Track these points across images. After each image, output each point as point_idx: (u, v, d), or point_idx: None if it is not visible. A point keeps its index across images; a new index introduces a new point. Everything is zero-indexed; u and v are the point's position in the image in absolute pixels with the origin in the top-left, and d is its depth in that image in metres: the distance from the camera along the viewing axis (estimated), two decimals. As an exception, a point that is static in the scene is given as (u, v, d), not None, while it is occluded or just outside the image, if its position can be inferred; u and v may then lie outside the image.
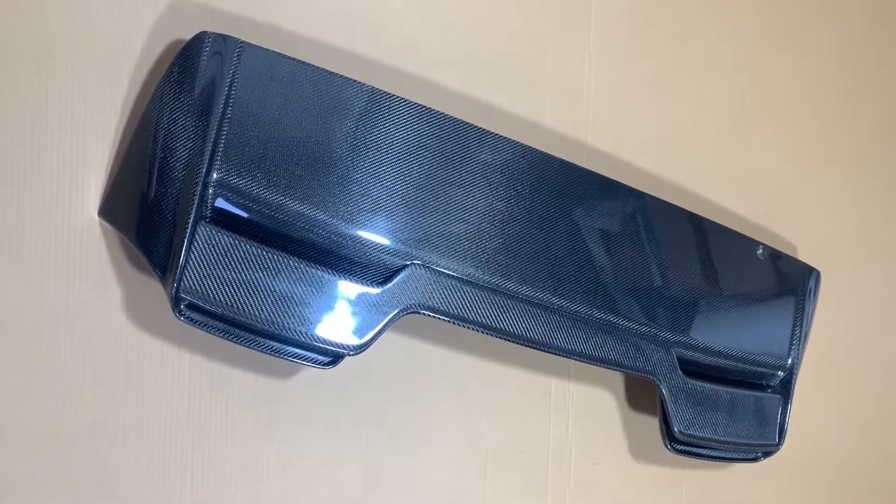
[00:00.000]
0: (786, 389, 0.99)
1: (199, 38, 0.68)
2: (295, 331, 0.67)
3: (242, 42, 0.68)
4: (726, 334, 0.93)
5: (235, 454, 0.76)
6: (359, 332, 0.69)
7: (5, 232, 0.68)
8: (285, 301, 0.67)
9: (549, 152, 0.81)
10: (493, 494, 0.89)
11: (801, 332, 1.00)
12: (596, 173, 0.84)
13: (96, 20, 0.71)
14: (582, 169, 0.83)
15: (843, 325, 1.16)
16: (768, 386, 0.99)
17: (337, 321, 0.69)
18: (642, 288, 0.86)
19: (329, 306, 0.68)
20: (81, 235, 0.70)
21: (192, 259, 0.64)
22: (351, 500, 0.82)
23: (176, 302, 0.64)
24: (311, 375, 0.79)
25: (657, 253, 0.87)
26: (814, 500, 1.15)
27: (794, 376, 1.00)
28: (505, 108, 0.89)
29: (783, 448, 0.99)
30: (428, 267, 0.73)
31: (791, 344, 0.99)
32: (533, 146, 0.80)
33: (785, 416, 0.98)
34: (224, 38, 0.68)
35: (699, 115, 1.04)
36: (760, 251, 0.97)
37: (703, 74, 1.05)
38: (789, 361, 0.99)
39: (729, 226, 0.96)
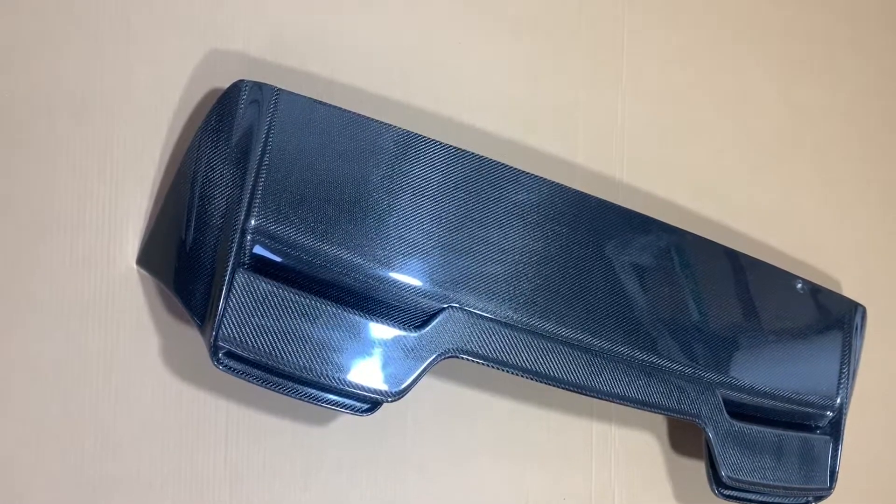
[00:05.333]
0: (835, 430, 0.96)
1: (237, 87, 0.68)
2: (333, 378, 0.66)
3: (279, 89, 0.68)
4: (773, 374, 0.90)
5: (272, 503, 0.75)
6: (397, 378, 0.68)
7: (45, 282, 0.68)
8: (324, 348, 0.66)
9: (584, 191, 0.80)
10: (534, 542, 0.86)
11: (849, 369, 0.97)
12: (632, 211, 0.83)
13: (135, 70, 0.72)
14: (618, 206, 0.82)
15: (890, 361, 1.12)
16: (817, 427, 0.95)
17: (375, 367, 0.68)
18: (684, 327, 0.84)
19: (367, 352, 0.67)
20: (120, 284, 0.70)
21: (230, 307, 0.64)
22: (389, 550, 0.80)
23: (214, 350, 0.64)
24: (347, 421, 0.78)
25: (699, 291, 0.85)
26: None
27: (843, 416, 0.96)
28: (538, 147, 0.89)
29: (835, 491, 0.95)
30: (465, 310, 0.72)
31: (839, 382, 0.96)
32: (567, 185, 0.79)
33: (836, 458, 0.95)
34: (261, 86, 0.68)
35: (734, 151, 1.03)
36: (800, 286, 0.95)
37: (736, 109, 1.04)
38: (838, 401, 0.96)
39: (770, 262, 0.94)
